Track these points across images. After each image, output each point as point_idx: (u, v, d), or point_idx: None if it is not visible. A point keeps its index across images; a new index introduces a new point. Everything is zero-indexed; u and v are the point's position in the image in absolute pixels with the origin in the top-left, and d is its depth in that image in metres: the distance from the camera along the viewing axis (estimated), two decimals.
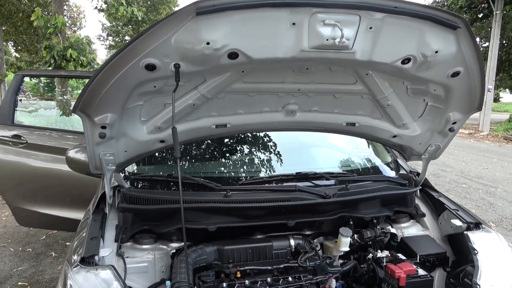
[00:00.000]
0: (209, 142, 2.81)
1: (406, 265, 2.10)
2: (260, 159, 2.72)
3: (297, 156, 2.82)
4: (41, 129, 4.33)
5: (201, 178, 2.40)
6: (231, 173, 2.59)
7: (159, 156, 2.73)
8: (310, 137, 2.90)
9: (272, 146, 2.79)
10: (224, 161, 2.72)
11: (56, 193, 4.03)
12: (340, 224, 2.44)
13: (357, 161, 2.91)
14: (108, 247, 2.14)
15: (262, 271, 2.15)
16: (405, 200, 2.66)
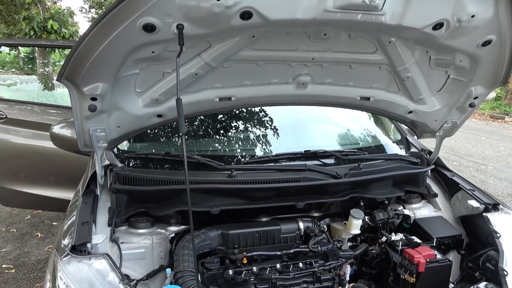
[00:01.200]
0: (211, 118, 2.58)
1: (424, 249, 1.97)
2: (266, 136, 2.52)
3: (305, 134, 2.63)
4: (22, 103, 4.02)
5: (203, 156, 2.20)
6: (235, 152, 2.39)
7: (155, 132, 2.50)
8: (319, 113, 2.71)
9: (279, 122, 2.58)
10: (228, 139, 2.50)
11: (39, 172, 3.79)
12: (350, 206, 2.29)
13: (367, 138, 2.74)
14: (100, 232, 1.95)
15: (270, 256, 1.99)
16: (417, 179, 2.52)
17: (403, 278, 1.96)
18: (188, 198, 1.43)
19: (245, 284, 1.82)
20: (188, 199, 1.43)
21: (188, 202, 1.43)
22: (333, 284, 1.92)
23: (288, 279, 1.86)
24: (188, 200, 1.43)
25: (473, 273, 2.06)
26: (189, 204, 1.42)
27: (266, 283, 1.83)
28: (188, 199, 1.43)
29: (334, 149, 2.40)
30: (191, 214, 1.44)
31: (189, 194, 2.01)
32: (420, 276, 1.90)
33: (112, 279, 1.51)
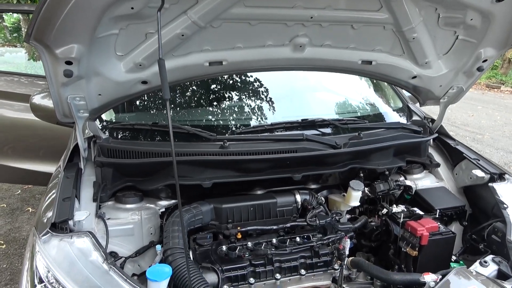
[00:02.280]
0: (201, 84, 2.41)
1: (427, 221, 1.87)
2: (261, 105, 2.37)
3: (302, 102, 2.48)
4: (8, 74, 3.81)
5: (193, 126, 2.05)
6: (228, 121, 2.25)
7: (142, 101, 2.34)
8: (316, 80, 2.55)
9: (275, 90, 2.42)
10: (220, 108, 2.35)
11: (28, 146, 3.63)
12: (349, 177, 2.18)
13: (367, 107, 2.60)
14: (85, 208, 1.83)
15: (266, 231, 1.89)
16: (419, 149, 2.40)
17: (404, 251, 1.88)
18: (174, 170, 1.30)
19: (239, 260, 1.72)
20: (175, 171, 1.30)
21: (175, 175, 1.30)
22: (331, 258, 1.84)
23: (284, 254, 1.77)
24: (175, 173, 1.30)
25: (477, 245, 1.98)
26: (176, 177, 1.29)
27: (261, 259, 1.74)
28: (175, 171, 1.30)
29: (332, 118, 2.26)
30: (178, 187, 1.32)
31: (177, 166, 1.85)
32: (423, 249, 1.82)
33: (95, 259, 1.40)
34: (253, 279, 1.71)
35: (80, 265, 1.37)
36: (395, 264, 1.96)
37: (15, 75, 3.80)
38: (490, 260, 1.63)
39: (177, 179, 1.31)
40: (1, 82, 3.57)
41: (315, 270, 1.81)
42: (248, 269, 1.72)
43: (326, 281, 1.86)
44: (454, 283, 1.46)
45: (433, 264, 1.81)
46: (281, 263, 1.76)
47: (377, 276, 1.77)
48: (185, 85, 2.36)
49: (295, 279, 1.79)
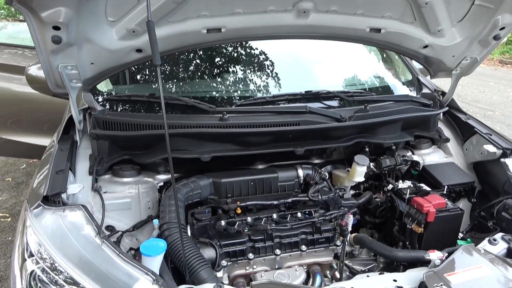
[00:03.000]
0: (200, 55, 2.31)
1: (434, 198, 1.80)
2: (262, 76, 2.26)
3: (306, 73, 2.36)
4: (12, 47, 3.72)
5: (191, 98, 1.97)
6: (228, 93, 2.15)
7: (139, 72, 2.25)
8: (320, 50, 2.43)
9: (277, 60, 2.31)
10: (219, 79, 2.25)
11: (32, 120, 3.59)
12: (354, 152, 2.11)
13: (374, 79, 2.48)
14: (81, 182, 1.78)
15: (266, 206, 1.84)
16: (428, 123, 2.30)
17: (409, 228, 1.81)
18: (167, 143, 1.24)
19: (238, 236, 1.68)
20: (167, 144, 1.24)
21: (167, 147, 1.23)
22: (334, 234, 1.79)
23: (285, 230, 1.72)
24: (167, 146, 1.24)
25: (485, 222, 1.91)
26: (168, 149, 1.23)
27: (261, 234, 1.69)
28: (167, 143, 1.24)
29: (338, 90, 2.15)
30: (171, 160, 1.25)
31: (175, 139, 1.83)
32: (429, 226, 1.75)
33: (88, 233, 1.36)
34: (252, 255, 1.66)
35: (71, 239, 1.33)
36: (399, 241, 1.90)
37: (19, 48, 3.71)
38: (499, 238, 1.56)
39: (169, 152, 1.24)
40: (4, 55, 3.50)
41: (316, 246, 1.76)
42: (247, 244, 1.67)
43: (327, 258, 1.81)
44: (460, 261, 1.40)
45: (439, 242, 1.75)
46: (281, 238, 1.71)
47: (380, 253, 1.71)
48: (183, 55, 2.26)
49: (295, 255, 1.75)
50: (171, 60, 2.26)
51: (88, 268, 1.23)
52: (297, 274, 1.68)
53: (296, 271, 1.69)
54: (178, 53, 2.23)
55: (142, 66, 2.21)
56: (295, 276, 1.67)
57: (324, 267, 1.82)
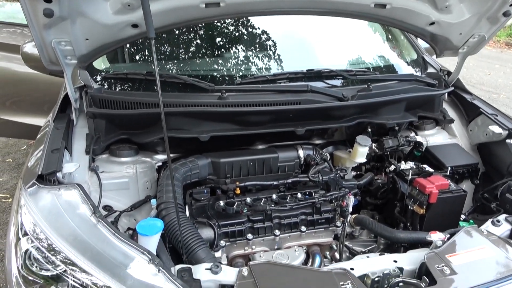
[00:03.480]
0: (199, 32, 2.25)
1: (437, 179, 1.77)
2: (262, 53, 2.20)
3: (308, 51, 2.29)
4: (10, 25, 3.65)
5: (190, 76, 1.92)
6: (228, 72, 2.09)
7: (136, 50, 2.20)
8: (323, 28, 2.35)
9: (278, 38, 2.24)
10: (218, 56, 2.19)
11: (32, 100, 3.54)
12: (356, 132, 2.06)
13: (378, 57, 2.41)
14: (78, 161, 1.75)
15: (266, 186, 1.81)
16: (432, 103, 2.25)
17: (411, 209, 1.79)
18: (163, 121, 1.21)
19: (237, 216, 1.65)
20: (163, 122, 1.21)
21: (163, 126, 1.21)
22: (334, 215, 1.76)
23: (284, 211, 1.69)
24: (163, 124, 1.21)
25: (489, 204, 1.88)
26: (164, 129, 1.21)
27: (260, 215, 1.67)
28: (163, 122, 1.21)
29: (340, 69, 2.09)
30: (166, 139, 1.22)
31: (173, 118, 1.79)
32: (431, 207, 1.73)
33: (83, 212, 1.33)
34: (251, 235, 1.65)
35: (66, 218, 1.31)
36: (400, 222, 1.88)
37: (18, 27, 3.63)
38: (503, 220, 1.54)
39: (165, 130, 1.22)
40: (3, 34, 3.43)
41: (316, 227, 1.74)
42: (246, 225, 1.65)
43: (327, 239, 1.79)
44: (462, 243, 1.38)
45: (441, 223, 1.72)
46: (280, 219, 1.69)
47: (381, 234, 1.69)
48: (181, 32, 2.20)
49: (295, 236, 1.73)
50: (169, 38, 2.20)
51: (83, 247, 1.21)
52: (296, 255, 1.66)
53: (296, 252, 1.67)
54: (176, 31, 2.17)
55: (141, 45, 2.16)
56: (294, 256, 1.65)
57: (324, 248, 1.81)
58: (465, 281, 1.19)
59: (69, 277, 1.16)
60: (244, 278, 1.19)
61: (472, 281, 1.19)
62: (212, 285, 1.22)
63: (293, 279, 1.19)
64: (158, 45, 2.15)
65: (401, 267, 1.31)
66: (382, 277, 1.25)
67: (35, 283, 1.22)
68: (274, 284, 1.17)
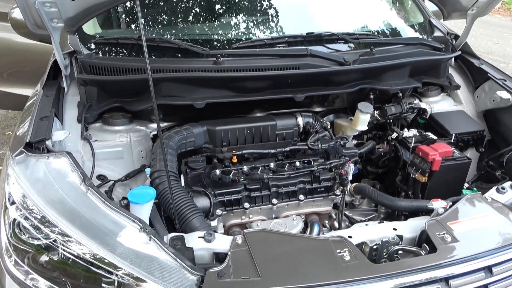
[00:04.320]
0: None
1: (441, 146, 1.71)
2: (260, 16, 2.09)
3: (308, 14, 2.18)
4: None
5: (184, 41, 1.83)
6: (223, 35, 2.00)
7: (129, 15, 2.09)
8: None
9: None
10: (213, 19, 2.08)
11: (30, 71, 3.44)
12: (358, 99, 1.99)
13: (382, 21, 2.29)
14: (70, 130, 1.70)
15: (264, 155, 1.76)
16: (438, 68, 2.16)
17: (413, 178, 1.74)
18: (151, 86, 1.15)
19: (233, 185, 1.61)
20: (151, 88, 1.15)
21: (151, 91, 1.15)
22: (333, 184, 1.71)
23: (282, 179, 1.65)
24: (151, 90, 1.15)
25: (493, 172, 1.83)
26: (153, 95, 1.15)
27: (257, 183, 1.62)
28: (151, 87, 1.15)
29: (342, 32, 1.99)
30: (155, 104, 1.17)
31: (166, 85, 1.72)
32: (434, 175, 1.67)
33: (73, 180, 1.29)
34: (248, 204, 1.61)
35: (56, 186, 1.26)
36: (401, 191, 1.83)
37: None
38: (508, 187, 1.48)
39: (153, 96, 1.16)
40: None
41: (314, 196, 1.70)
42: (243, 193, 1.61)
43: (326, 207, 1.75)
44: (465, 210, 1.33)
45: (443, 191, 1.67)
46: (278, 188, 1.64)
47: (381, 203, 1.65)
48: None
49: (293, 205, 1.69)
50: (162, 1, 2.09)
51: (72, 215, 1.17)
52: (294, 224, 1.63)
53: (294, 221, 1.64)
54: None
55: (134, 10, 2.06)
56: (292, 225, 1.62)
57: (323, 216, 1.77)
58: (467, 248, 1.15)
59: (59, 246, 1.13)
60: (238, 246, 1.15)
61: (474, 248, 1.15)
62: (205, 253, 1.19)
63: (289, 247, 1.15)
64: (150, 9, 2.05)
65: (401, 235, 1.27)
66: (381, 245, 1.21)
67: (26, 252, 1.19)
68: (269, 252, 1.13)
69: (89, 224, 1.15)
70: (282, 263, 1.09)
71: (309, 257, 1.12)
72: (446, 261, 1.11)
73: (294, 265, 1.08)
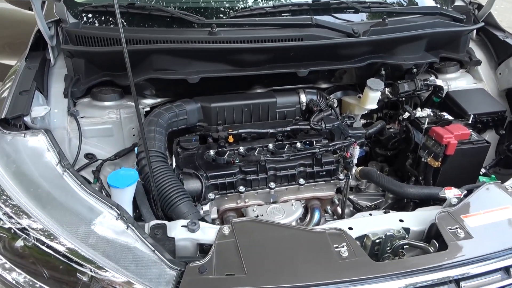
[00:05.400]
0: None
1: (457, 128, 1.55)
2: None
3: None
4: None
5: (177, 9, 1.68)
6: (219, 3, 1.83)
7: None
8: None
9: None
10: None
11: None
12: (367, 74, 1.83)
13: None
14: (55, 106, 1.60)
15: (262, 135, 1.63)
16: (458, 42, 1.97)
17: (424, 162, 1.59)
18: (126, 59, 1.01)
19: (228, 167, 1.49)
20: (127, 63, 1.02)
21: (127, 69, 1.02)
22: (336, 167, 1.58)
23: (281, 162, 1.52)
24: (127, 67, 1.02)
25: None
26: (129, 71, 1.02)
27: (253, 166, 1.50)
28: (126, 60, 1.01)
29: (352, 0, 1.80)
30: (131, 77, 1.03)
31: (159, 57, 1.58)
32: (448, 160, 1.52)
33: (49, 160, 1.19)
34: (243, 188, 1.49)
35: (30, 167, 1.16)
36: (412, 176, 1.69)
37: None
38: None
39: (130, 73, 1.03)
40: None
41: (316, 180, 1.57)
42: (238, 176, 1.49)
43: (329, 192, 1.63)
44: (482, 201, 1.19)
45: (458, 178, 1.53)
46: (276, 171, 1.52)
47: (389, 188, 1.52)
48: None
49: (292, 189, 1.57)
50: None
51: (45, 200, 1.07)
52: (293, 209, 1.51)
53: (293, 206, 1.52)
54: None
55: None
56: (291, 211, 1.50)
57: (325, 202, 1.65)
58: (482, 246, 1.02)
59: (30, 233, 1.03)
60: (225, 237, 1.04)
61: (491, 246, 1.02)
62: (188, 244, 1.09)
63: (280, 239, 1.04)
64: None
65: (408, 228, 1.14)
66: (384, 239, 1.09)
67: None
68: (258, 245, 1.02)
69: (62, 210, 1.05)
70: (271, 259, 0.98)
71: (302, 252, 1.00)
72: (457, 260, 0.98)
73: (284, 261, 0.97)
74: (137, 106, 1.09)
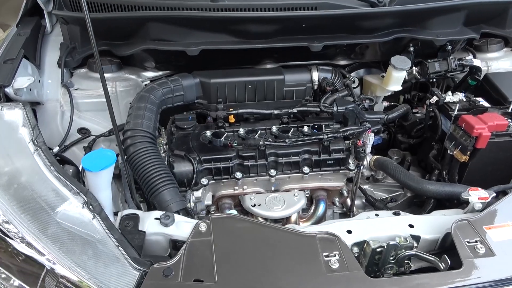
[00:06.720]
0: None
1: (492, 117, 1.32)
2: None
3: None
4: None
5: None
6: None
7: None
8: None
9: None
10: None
11: None
12: (394, 51, 1.61)
13: None
14: (49, 76, 1.51)
15: (266, 116, 1.47)
16: (504, 15, 1.69)
17: (450, 155, 1.38)
18: (88, 27, 0.87)
19: (224, 150, 1.35)
20: (89, 27, 0.87)
21: (91, 39, 0.88)
22: (347, 156, 1.41)
23: (283, 147, 1.36)
24: (90, 37, 0.88)
25: None
26: (92, 38, 0.87)
27: (252, 150, 1.35)
28: (89, 29, 0.88)
29: None
30: (96, 51, 0.90)
31: (156, 26, 1.45)
32: (477, 154, 1.31)
33: (22, 136, 1.09)
34: (241, 174, 1.35)
35: (2, 141, 1.08)
36: (435, 168, 1.49)
37: None
38: None
39: (94, 44, 0.89)
40: None
41: (322, 169, 1.41)
42: (234, 161, 1.35)
43: (337, 183, 1.46)
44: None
45: (487, 177, 1.32)
46: (277, 157, 1.37)
47: (405, 184, 1.33)
48: None
49: (296, 178, 1.42)
50: None
51: (12, 179, 0.98)
52: (295, 200, 1.36)
53: (295, 196, 1.37)
54: None
55: None
56: (292, 201, 1.35)
57: (333, 193, 1.49)
58: (505, 267, 0.83)
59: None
60: (200, 235, 0.92)
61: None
62: (161, 239, 0.97)
63: (263, 242, 0.90)
64: None
65: (418, 236, 0.97)
66: (387, 249, 0.92)
67: None
68: (236, 247, 0.89)
69: (25, 193, 0.96)
70: (248, 265, 0.85)
71: (286, 259, 0.86)
72: (472, 283, 0.81)
73: (263, 269, 0.84)
74: (103, 80, 0.96)
